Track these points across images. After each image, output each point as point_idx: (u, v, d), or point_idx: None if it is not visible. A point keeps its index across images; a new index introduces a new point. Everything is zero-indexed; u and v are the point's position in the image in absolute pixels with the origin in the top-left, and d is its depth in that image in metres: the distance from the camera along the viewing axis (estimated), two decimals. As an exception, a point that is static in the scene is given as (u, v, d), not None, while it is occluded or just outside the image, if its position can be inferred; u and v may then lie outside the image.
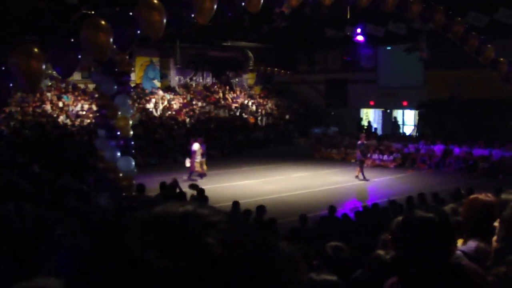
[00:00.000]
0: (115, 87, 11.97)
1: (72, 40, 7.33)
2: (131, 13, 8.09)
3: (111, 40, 7.52)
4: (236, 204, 11.24)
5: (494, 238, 2.58)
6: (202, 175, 17.67)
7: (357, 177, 18.57)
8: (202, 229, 0.71)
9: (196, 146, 17.79)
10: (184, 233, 0.70)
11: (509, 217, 2.48)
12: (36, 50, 6.67)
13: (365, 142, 19.85)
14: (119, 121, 12.24)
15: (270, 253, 0.76)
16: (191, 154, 17.97)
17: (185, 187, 12.77)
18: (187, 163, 18.01)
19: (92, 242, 0.73)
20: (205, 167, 18.07)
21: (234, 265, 0.68)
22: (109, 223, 7.66)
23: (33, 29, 19.02)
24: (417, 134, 26.44)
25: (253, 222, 9.90)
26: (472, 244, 2.74)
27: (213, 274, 0.66)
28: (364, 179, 18.42)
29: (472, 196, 3.02)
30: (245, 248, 0.72)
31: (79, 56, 7.46)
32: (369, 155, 21.48)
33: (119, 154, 12.00)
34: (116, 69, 12.06)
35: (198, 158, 17.77)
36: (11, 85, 6.53)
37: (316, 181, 18.20)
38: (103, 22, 7.52)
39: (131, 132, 12.82)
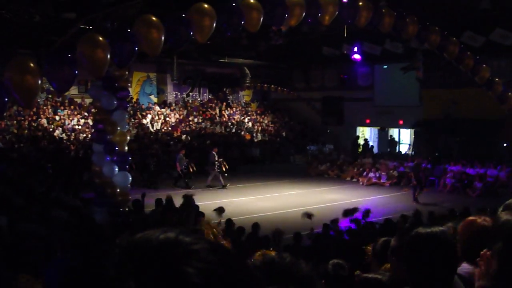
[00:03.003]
0: (115, 102, 11.95)
1: (69, 55, 7.30)
2: (129, 30, 8.10)
3: (108, 56, 7.51)
4: (229, 221, 11.14)
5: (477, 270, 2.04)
6: None
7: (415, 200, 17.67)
8: (182, 257, 0.71)
9: None
10: (163, 261, 0.70)
11: (505, 249, 1.87)
12: (31, 64, 6.61)
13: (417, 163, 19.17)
14: (116, 136, 12.20)
15: (250, 282, 0.75)
16: None
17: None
18: None
19: (72, 269, 0.73)
20: None
21: None
22: (102, 239, 7.61)
23: (28, 43, 19.02)
24: (413, 152, 26.47)
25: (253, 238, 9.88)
26: (465, 266, 2.70)
27: None
28: (416, 201, 17.54)
29: (469, 219, 2.94)
30: (224, 277, 0.72)
31: (76, 72, 7.43)
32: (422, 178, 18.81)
33: (116, 169, 11.96)
34: (116, 84, 12.05)
35: None
36: (6, 99, 6.47)
37: (311, 199, 18.13)
38: (100, 38, 7.51)
39: (126, 148, 12.79)
